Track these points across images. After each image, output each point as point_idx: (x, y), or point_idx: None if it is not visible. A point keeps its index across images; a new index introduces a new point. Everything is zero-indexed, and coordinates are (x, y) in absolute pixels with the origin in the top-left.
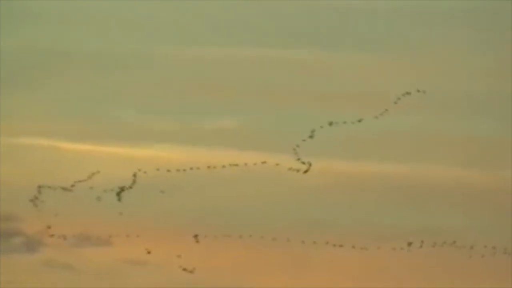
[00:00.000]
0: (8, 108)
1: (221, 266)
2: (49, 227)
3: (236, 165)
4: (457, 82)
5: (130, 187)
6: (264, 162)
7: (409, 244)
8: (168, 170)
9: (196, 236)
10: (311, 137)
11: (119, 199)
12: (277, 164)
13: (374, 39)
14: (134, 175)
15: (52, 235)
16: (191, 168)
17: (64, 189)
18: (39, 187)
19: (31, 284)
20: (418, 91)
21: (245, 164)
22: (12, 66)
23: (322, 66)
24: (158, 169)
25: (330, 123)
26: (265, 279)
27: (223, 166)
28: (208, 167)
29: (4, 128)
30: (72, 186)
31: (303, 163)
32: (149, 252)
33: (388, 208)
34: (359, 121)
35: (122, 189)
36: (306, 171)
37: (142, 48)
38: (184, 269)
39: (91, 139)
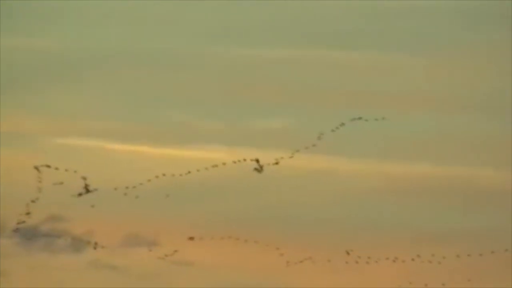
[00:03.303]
0: (57, 107)
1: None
2: (95, 228)
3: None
4: (502, 83)
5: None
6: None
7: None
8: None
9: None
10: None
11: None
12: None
13: (415, 39)
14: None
15: (98, 237)
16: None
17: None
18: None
19: (78, 285)
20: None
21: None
22: (61, 65)
23: (371, 66)
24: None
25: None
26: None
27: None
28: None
29: (54, 129)
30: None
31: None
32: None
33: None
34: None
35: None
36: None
37: (192, 48)
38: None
39: (140, 140)
